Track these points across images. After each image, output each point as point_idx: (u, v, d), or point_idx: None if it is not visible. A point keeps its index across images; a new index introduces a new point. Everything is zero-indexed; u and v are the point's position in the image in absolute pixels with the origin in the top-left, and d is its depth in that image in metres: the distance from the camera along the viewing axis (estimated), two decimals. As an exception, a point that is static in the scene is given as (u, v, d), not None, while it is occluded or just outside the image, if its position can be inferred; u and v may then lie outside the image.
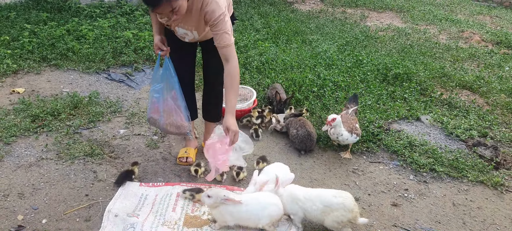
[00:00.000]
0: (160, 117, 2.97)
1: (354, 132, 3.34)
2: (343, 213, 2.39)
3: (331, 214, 2.41)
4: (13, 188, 2.84)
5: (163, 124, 2.98)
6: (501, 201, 2.97)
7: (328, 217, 2.43)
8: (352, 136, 3.32)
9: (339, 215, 2.39)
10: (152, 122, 3.06)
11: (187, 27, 2.77)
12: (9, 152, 3.24)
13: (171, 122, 2.97)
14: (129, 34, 5.68)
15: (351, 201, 2.43)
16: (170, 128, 3.01)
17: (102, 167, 3.13)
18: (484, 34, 7.06)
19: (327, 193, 2.50)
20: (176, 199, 2.80)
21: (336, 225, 2.42)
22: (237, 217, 2.46)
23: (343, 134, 3.30)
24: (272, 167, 2.93)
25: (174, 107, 2.93)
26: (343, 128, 3.30)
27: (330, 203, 2.43)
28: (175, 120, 2.96)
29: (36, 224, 2.53)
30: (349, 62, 5.28)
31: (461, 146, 3.62)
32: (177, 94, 2.92)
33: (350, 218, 2.40)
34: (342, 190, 2.97)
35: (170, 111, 2.94)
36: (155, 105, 2.97)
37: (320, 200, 2.46)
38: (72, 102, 4.02)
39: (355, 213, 2.42)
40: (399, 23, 7.79)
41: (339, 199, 2.42)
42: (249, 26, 6.78)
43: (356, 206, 2.45)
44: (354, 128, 3.35)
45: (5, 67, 4.66)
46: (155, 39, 2.92)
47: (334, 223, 2.42)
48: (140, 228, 2.47)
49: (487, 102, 4.42)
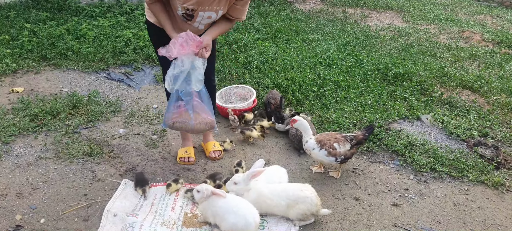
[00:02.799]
0: (190, 119, 2.82)
1: (327, 148, 2.92)
2: (309, 207, 2.53)
3: (296, 207, 2.54)
4: (12, 188, 2.83)
5: (193, 124, 2.84)
6: (502, 201, 2.95)
7: (292, 210, 2.55)
8: (321, 150, 2.93)
9: (304, 208, 2.53)
10: (178, 126, 2.88)
11: (213, 8, 2.68)
12: (7, 151, 3.23)
13: (200, 120, 2.86)
14: (128, 33, 5.67)
15: (314, 195, 2.57)
16: (199, 126, 2.87)
17: (101, 167, 3.12)
18: (484, 34, 7.04)
19: (293, 187, 2.61)
20: (175, 199, 2.78)
21: (301, 217, 2.56)
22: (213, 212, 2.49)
23: (308, 141, 2.98)
24: (270, 170, 2.91)
25: (201, 106, 2.86)
26: (309, 135, 2.99)
27: (296, 197, 2.54)
28: (204, 117, 2.86)
29: (34, 224, 2.52)
30: (349, 61, 5.27)
31: (462, 145, 3.61)
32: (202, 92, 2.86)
33: (313, 211, 2.55)
34: (340, 190, 2.99)
35: (199, 111, 2.85)
36: (180, 109, 2.83)
37: (286, 195, 2.57)
38: (72, 101, 4.01)
39: (318, 206, 2.57)
40: (399, 23, 7.78)
41: (305, 193, 2.55)
42: (249, 26, 6.77)
43: (319, 199, 2.59)
44: (328, 144, 2.94)
45: (4, 66, 4.65)
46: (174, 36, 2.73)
47: (299, 215, 2.55)
48: (139, 228, 2.46)
49: (488, 102, 4.40)
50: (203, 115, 2.86)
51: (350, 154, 3.03)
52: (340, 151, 2.96)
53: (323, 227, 2.62)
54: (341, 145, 2.97)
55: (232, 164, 3.22)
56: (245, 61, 5.17)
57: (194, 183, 3.01)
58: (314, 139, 2.99)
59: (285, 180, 2.86)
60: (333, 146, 2.95)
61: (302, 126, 3.00)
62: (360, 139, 3.07)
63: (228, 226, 2.41)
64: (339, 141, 2.98)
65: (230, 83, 4.53)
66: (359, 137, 3.07)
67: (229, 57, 5.28)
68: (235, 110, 3.88)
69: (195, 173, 3.14)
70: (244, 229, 2.39)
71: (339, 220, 2.69)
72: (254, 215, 2.44)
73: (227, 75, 4.80)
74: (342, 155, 2.97)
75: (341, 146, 2.97)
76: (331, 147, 2.94)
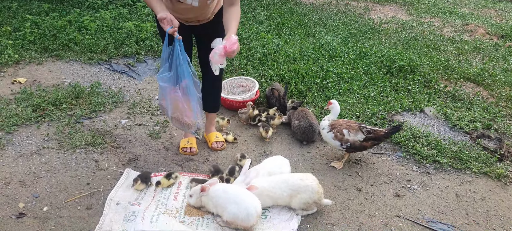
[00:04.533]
0: (167, 106, 2.78)
1: (335, 132, 3.01)
2: (310, 195, 2.53)
3: (298, 196, 2.55)
4: (14, 176, 2.84)
5: (171, 115, 2.82)
6: (505, 192, 2.94)
7: (295, 199, 2.56)
8: (329, 132, 3.04)
9: (306, 197, 2.54)
10: (162, 109, 2.89)
11: None
12: (10, 140, 3.24)
13: (176, 116, 2.82)
14: (131, 25, 5.65)
15: (316, 183, 2.58)
16: (175, 122, 2.88)
17: (104, 156, 3.12)
18: (489, 27, 6.99)
19: (294, 177, 2.62)
20: (178, 188, 2.78)
21: (303, 206, 2.56)
22: (215, 203, 2.50)
23: (325, 120, 3.15)
24: (272, 160, 2.92)
25: (181, 100, 2.73)
26: (331, 118, 3.14)
27: (297, 186, 2.55)
28: (180, 115, 2.80)
29: (37, 212, 2.53)
30: (352, 54, 5.24)
31: (465, 137, 3.59)
32: (189, 84, 2.69)
33: (315, 200, 2.55)
34: (343, 180, 2.98)
35: (177, 104, 2.74)
36: (162, 94, 2.77)
37: (288, 185, 2.57)
38: (74, 92, 4.01)
39: (320, 194, 2.57)
40: (403, 16, 7.73)
41: (306, 182, 2.55)
42: (251, 18, 6.74)
43: (321, 188, 2.59)
44: (338, 128, 3.02)
45: (7, 57, 4.65)
46: (161, 14, 2.55)
47: (301, 204, 2.56)
48: (142, 216, 2.46)
49: (492, 94, 4.38)
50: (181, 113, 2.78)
51: (360, 145, 2.99)
52: (348, 138, 2.96)
53: (325, 217, 2.62)
54: (352, 133, 2.98)
55: (234, 154, 3.22)
56: (248, 53, 5.15)
57: (196, 173, 3.01)
58: (328, 121, 3.10)
59: (287, 171, 2.85)
60: (342, 131, 3.00)
61: (334, 109, 3.16)
62: (380, 135, 3.00)
63: (230, 216, 2.41)
64: (351, 128, 3.00)
65: (232, 75, 4.52)
66: (379, 133, 3.00)
67: (231, 49, 5.25)
68: (237, 102, 3.88)
69: (197, 163, 3.13)
70: (245, 219, 2.39)
71: (342, 210, 2.69)
72: (256, 205, 2.44)
73: (230, 67, 4.79)
74: (349, 142, 2.97)
75: (351, 133, 2.97)
76: (339, 131, 3.01)
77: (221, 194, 2.49)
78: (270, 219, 2.56)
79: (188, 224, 2.47)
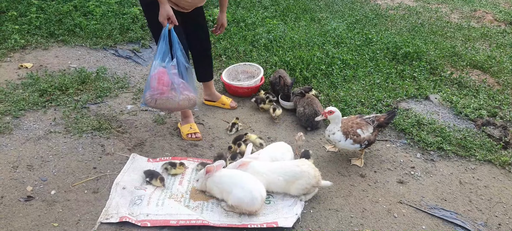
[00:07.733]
0: (176, 93, 2.81)
1: (351, 136, 2.89)
2: (308, 180, 2.54)
3: (296, 183, 2.56)
4: (22, 160, 2.88)
5: (179, 100, 2.84)
6: (509, 180, 2.94)
7: (293, 186, 2.57)
8: (347, 140, 2.88)
9: (303, 183, 2.55)
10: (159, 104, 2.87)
11: None
12: (18, 125, 3.28)
13: (185, 96, 2.86)
14: (136, 10, 5.64)
15: (312, 168, 2.59)
16: (183, 103, 2.88)
17: (110, 141, 3.16)
18: (497, 14, 6.89)
19: (289, 164, 2.64)
20: (183, 173, 2.82)
21: (302, 192, 2.57)
22: (220, 188, 2.54)
23: (335, 133, 2.91)
24: (274, 146, 2.93)
25: (184, 82, 2.84)
26: (338, 127, 2.91)
27: (293, 173, 2.56)
28: (188, 93, 2.87)
29: (45, 195, 2.58)
30: (358, 40, 5.21)
31: (470, 125, 3.58)
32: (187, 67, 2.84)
33: (313, 184, 2.56)
34: (346, 167, 3.00)
35: (184, 85, 2.83)
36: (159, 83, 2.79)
37: (284, 172, 2.59)
38: (80, 77, 4.03)
39: (318, 177, 2.57)
40: (410, 2, 7.63)
41: (302, 167, 2.57)
42: (257, 4, 6.69)
43: (317, 171, 2.59)
44: (352, 131, 2.89)
45: (13, 42, 4.67)
46: (165, 8, 2.69)
47: (300, 190, 2.57)
48: (148, 200, 2.50)
49: (498, 82, 4.34)
50: (187, 91, 2.87)
51: (373, 138, 2.96)
52: (364, 136, 2.91)
53: (329, 203, 2.64)
54: (364, 129, 2.92)
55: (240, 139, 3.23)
56: (253, 39, 5.13)
57: (201, 158, 3.03)
58: (339, 131, 2.90)
59: (289, 157, 2.86)
60: (356, 132, 2.89)
61: (337, 118, 2.91)
62: (381, 121, 3.00)
63: (235, 200, 2.44)
64: (361, 125, 2.93)
65: (237, 61, 4.52)
66: (380, 119, 3.00)
67: (236, 35, 5.24)
68: (241, 88, 3.89)
69: (202, 149, 3.16)
70: (250, 203, 2.42)
71: (345, 196, 2.71)
72: (260, 190, 2.47)
73: (235, 53, 4.78)
74: (366, 139, 2.91)
75: (364, 130, 2.92)
76: (355, 134, 2.88)
77: (226, 179, 2.52)
78: (274, 204, 2.59)
79: (193, 209, 2.51)
